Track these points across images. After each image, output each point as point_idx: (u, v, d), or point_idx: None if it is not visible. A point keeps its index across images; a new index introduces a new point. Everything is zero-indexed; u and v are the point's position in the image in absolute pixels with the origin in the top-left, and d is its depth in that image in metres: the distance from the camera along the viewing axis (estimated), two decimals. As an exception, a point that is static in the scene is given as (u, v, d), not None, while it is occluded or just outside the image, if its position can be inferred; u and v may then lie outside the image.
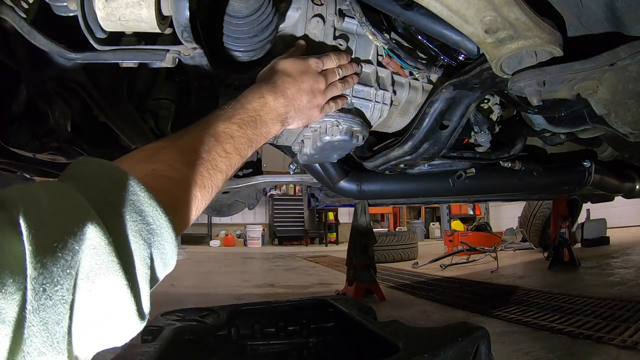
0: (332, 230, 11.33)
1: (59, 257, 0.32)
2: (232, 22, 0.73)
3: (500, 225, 9.97)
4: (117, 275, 0.36)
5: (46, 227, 0.33)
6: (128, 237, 0.39)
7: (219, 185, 0.57)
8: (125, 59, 0.67)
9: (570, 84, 0.76)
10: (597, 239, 5.29)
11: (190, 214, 0.52)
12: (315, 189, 2.53)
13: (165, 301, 2.67)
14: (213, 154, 0.57)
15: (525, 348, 1.72)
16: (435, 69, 0.96)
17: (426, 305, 2.75)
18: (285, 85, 0.74)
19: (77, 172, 0.43)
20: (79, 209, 0.36)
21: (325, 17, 0.87)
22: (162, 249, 0.42)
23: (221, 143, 0.59)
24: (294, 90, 0.75)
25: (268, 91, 0.71)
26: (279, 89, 0.73)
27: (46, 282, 0.31)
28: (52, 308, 0.31)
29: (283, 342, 1.54)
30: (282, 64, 0.77)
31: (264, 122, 0.68)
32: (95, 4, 0.59)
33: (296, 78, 0.76)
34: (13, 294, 0.30)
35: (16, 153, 1.02)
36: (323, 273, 4.81)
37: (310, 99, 0.78)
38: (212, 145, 0.57)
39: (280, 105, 0.72)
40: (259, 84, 0.74)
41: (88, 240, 0.35)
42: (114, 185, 0.41)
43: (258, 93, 0.70)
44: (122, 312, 0.37)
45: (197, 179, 0.52)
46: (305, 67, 0.78)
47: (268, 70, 0.78)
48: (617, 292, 2.65)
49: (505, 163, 1.37)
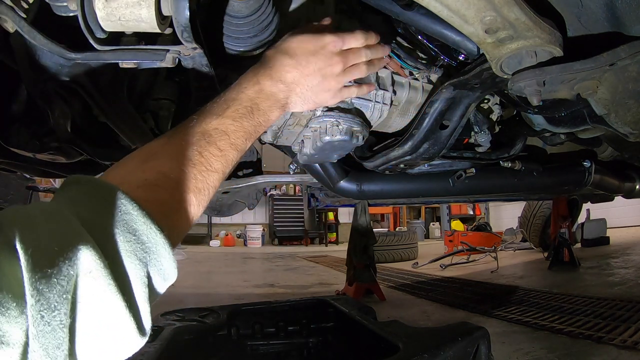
0: (332, 230, 11.32)
1: (55, 282, 0.33)
2: (232, 22, 0.73)
3: (500, 225, 9.97)
4: (115, 297, 0.36)
5: (41, 252, 0.33)
6: (122, 259, 0.39)
7: (216, 186, 0.55)
8: (125, 59, 0.67)
9: (570, 84, 0.76)
10: (597, 239, 5.29)
11: (188, 219, 0.51)
12: (315, 189, 2.53)
13: (165, 301, 2.67)
14: (206, 154, 0.54)
15: (525, 348, 1.72)
16: (435, 69, 0.96)
17: (426, 305, 2.75)
18: (285, 68, 0.67)
19: (69, 192, 0.43)
20: (74, 232, 0.36)
21: (325, 17, 0.87)
22: (159, 265, 0.42)
23: (215, 141, 0.55)
24: (297, 74, 0.67)
25: (264, 76, 0.65)
26: (276, 73, 0.66)
27: (43, 309, 0.32)
28: (51, 334, 0.32)
29: (283, 342, 1.54)
30: (289, 42, 0.69)
31: (262, 111, 0.63)
32: (95, 4, 0.59)
33: (300, 60, 0.68)
34: (17, 317, 0.30)
35: (16, 153, 1.02)
36: (323, 273, 4.81)
37: (319, 83, 0.70)
38: (204, 146, 0.54)
39: (278, 91, 0.66)
40: (255, 67, 0.67)
41: (83, 264, 0.35)
42: (105, 205, 0.41)
43: (254, 79, 0.64)
44: (123, 331, 0.38)
45: (190, 184, 0.51)
46: (316, 47, 0.69)
47: (270, 50, 0.71)
48: (617, 292, 2.65)
49: (505, 163, 1.37)
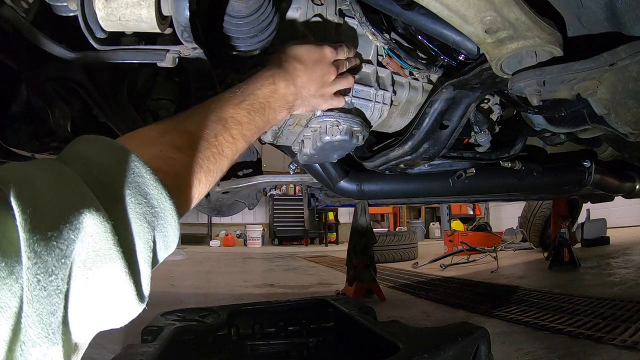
0: (332, 230, 11.32)
1: (54, 246, 0.31)
2: (232, 22, 0.73)
3: (500, 225, 9.96)
4: (116, 262, 0.35)
5: (41, 212, 0.31)
6: (130, 220, 0.39)
7: (224, 170, 0.57)
8: (125, 59, 0.67)
9: (570, 84, 0.76)
10: (597, 239, 5.28)
11: (194, 197, 0.52)
12: (315, 189, 2.52)
13: (165, 301, 2.67)
14: (220, 139, 0.56)
15: (525, 348, 1.72)
16: (435, 69, 0.96)
17: (426, 305, 2.75)
18: (297, 72, 0.73)
19: (80, 150, 0.42)
20: (77, 193, 0.35)
21: (325, 17, 0.87)
22: (165, 231, 0.42)
23: (229, 129, 0.58)
24: (305, 79, 0.74)
25: (280, 78, 0.71)
26: (290, 76, 0.72)
27: (40, 273, 0.30)
28: (46, 299, 0.30)
29: (283, 342, 1.54)
30: (297, 50, 0.76)
31: (273, 109, 0.68)
32: (95, 4, 0.59)
33: (309, 66, 0.75)
34: (5, 278, 0.29)
35: (16, 153, 1.02)
36: (323, 273, 4.81)
37: (318, 88, 0.78)
38: (220, 130, 0.57)
39: (290, 93, 0.72)
40: (271, 68, 0.72)
41: (85, 228, 0.34)
42: (118, 165, 0.40)
43: (270, 79, 0.69)
44: (121, 297, 0.37)
45: (203, 163, 0.52)
46: (320, 56, 0.77)
47: (281, 54, 0.76)
48: (617, 292, 2.64)
49: (506, 163, 1.36)
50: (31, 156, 1.07)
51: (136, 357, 1.03)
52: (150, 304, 0.41)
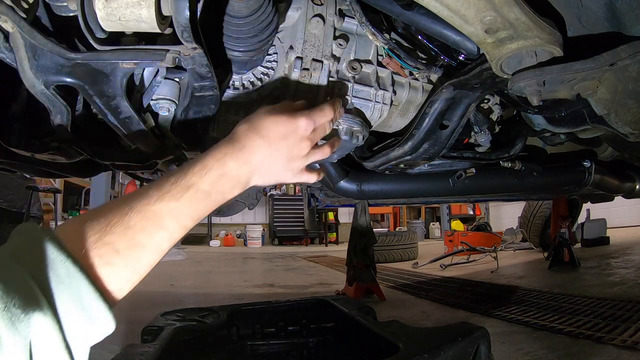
0: (332, 230, 11.32)
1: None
2: (232, 22, 0.73)
3: (500, 225, 9.96)
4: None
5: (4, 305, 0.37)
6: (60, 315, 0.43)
7: (156, 262, 0.56)
8: (125, 59, 0.67)
9: (570, 84, 0.76)
10: (597, 239, 5.28)
11: (124, 291, 0.52)
12: (315, 189, 2.52)
13: (165, 301, 2.67)
14: (157, 238, 0.53)
15: (525, 348, 1.72)
16: (435, 69, 0.96)
17: (426, 305, 2.75)
18: (255, 150, 0.65)
19: (14, 243, 0.46)
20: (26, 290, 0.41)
21: (325, 17, 0.87)
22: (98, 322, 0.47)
23: (167, 225, 0.54)
24: (264, 157, 0.66)
25: (232, 158, 0.63)
26: (245, 155, 0.64)
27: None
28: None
29: (283, 342, 1.54)
30: (263, 121, 0.67)
31: (221, 192, 0.61)
32: (95, 4, 0.59)
33: (273, 142, 0.66)
34: None
35: (16, 153, 1.02)
36: (323, 273, 4.81)
37: (284, 164, 0.70)
38: (157, 230, 0.53)
39: (242, 173, 0.64)
40: (226, 143, 0.65)
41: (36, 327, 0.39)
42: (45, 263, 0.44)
43: (220, 161, 0.61)
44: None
45: (136, 267, 0.52)
46: (289, 131, 0.68)
47: (245, 124, 0.68)
48: (617, 292, 2.64)
49: (506, 163, 1.37)
50: (31, 156, 1.07)
51: (136, 357, 1.03)
52: (150, 304, 0.41)
